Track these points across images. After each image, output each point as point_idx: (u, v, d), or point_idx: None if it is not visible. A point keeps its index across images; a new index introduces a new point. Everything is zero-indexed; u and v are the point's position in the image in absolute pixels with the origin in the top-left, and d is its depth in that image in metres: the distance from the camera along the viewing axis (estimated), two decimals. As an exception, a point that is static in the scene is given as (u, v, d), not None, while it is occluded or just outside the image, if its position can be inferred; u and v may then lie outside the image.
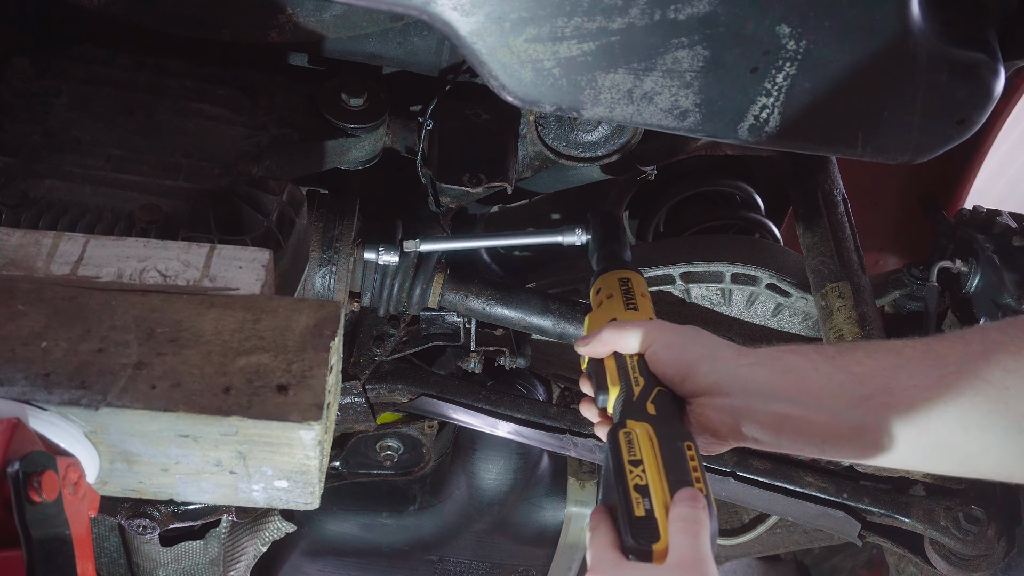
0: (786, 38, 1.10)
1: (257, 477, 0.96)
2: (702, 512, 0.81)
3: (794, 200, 1.64)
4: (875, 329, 1.42)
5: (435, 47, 1.41)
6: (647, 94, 1.14)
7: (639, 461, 0.87)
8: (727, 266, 1.60)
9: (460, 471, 1.92)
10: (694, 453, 0.89)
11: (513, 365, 1.71)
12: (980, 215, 1.56)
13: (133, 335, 0.93)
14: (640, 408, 0.94)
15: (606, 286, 1.20)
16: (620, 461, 0.87)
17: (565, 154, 1.48)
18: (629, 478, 0.86)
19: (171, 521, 1.53)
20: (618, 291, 1.19)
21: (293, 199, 1.23)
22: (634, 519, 0.82)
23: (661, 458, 0.87)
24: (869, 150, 1.21)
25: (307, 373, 0.92)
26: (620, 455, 0.88)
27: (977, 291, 1.47)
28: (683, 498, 0.82)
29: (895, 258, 2.27)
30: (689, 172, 1.97)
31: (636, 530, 0.81)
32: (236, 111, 1.34)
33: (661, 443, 0.89)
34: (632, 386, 0.97)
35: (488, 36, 1.07)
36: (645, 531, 0.81)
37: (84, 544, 0.81)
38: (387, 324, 1.61)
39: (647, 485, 0.85)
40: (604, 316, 1.17)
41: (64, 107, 1.28)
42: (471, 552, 1.96)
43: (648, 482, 0.85)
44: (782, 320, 1.66)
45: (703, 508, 0.82)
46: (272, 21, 1.30)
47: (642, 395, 0.96)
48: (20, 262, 1.00)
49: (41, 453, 0.79)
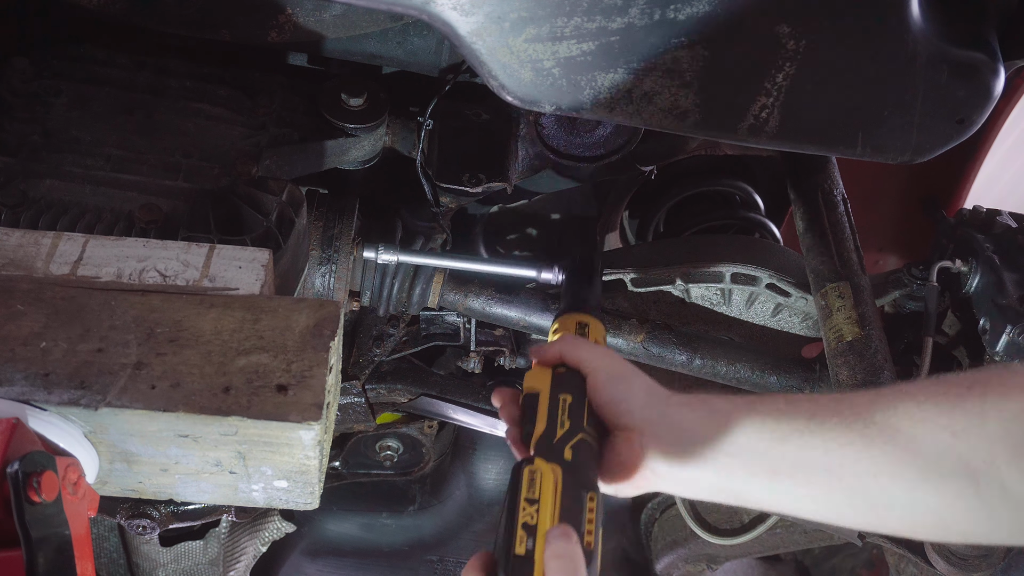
0: (786, 38, 1.09)
1: (257, 477, 0.96)
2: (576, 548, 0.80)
3: (794, 200, 1.64)
4: (875, 329, 1.41)
5: (435, 47, 1.41)
6: (647, 94, 1.14)
7: (535, 500, 0.85)
8: (727, 266, 1.60)
9: (460, 471, 1.92)
10: (595, 505, 0.87)
11: (513, 365, 1.71)
12: (980, 215, 1.56)
13: (133, 335, 0.93)
14: (557, 451, 0.93)
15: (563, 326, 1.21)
16: (516, 496, 0.86)
17: (565, 154, 1.48)
18: (520, 515, 0.84)
19: (171, 521, 1.52)
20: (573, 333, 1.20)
21: (293, 199, 1.23)
22: (512, 556, 0.80)
23: (560, 503, 0.86)
24: (869, 150, 1.21)
25: (307, 373, 0.92)
26: (518, 490, 0.86)
27: (977, 291, 1.47)
28: (555, 535, 0.80)
29: (895, 258, 2.27)
30: (689, 172, 1.97)
31: (510, 568, 0.79)
32: (236, 111, 1.34)
33: (565, 488, 0.87)
34: (556, 428, 0.96)
35: (488, 36, 1.07)
36: (519, 570, 0.79)
37: (84, 544, 0.81)
38: (387, 324, 1.61)
39: (536, 525, 0.83)
40: None
41: (64, 107, 1.28)
42: (471, 552, 1.95)
43: (537, 523, 0.83)
44: (782, 320, 1.66)
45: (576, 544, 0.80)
46: (272, 21, 1.30)
47: (563, 438, 0.94)
48: (19, 262, 1.00)
49: (41, 453, 0.79)
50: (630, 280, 1.61)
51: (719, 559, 2.09)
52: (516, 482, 0.88)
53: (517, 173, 1.51)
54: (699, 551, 2.04)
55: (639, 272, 1.62)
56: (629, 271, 1.61)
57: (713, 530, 1.90)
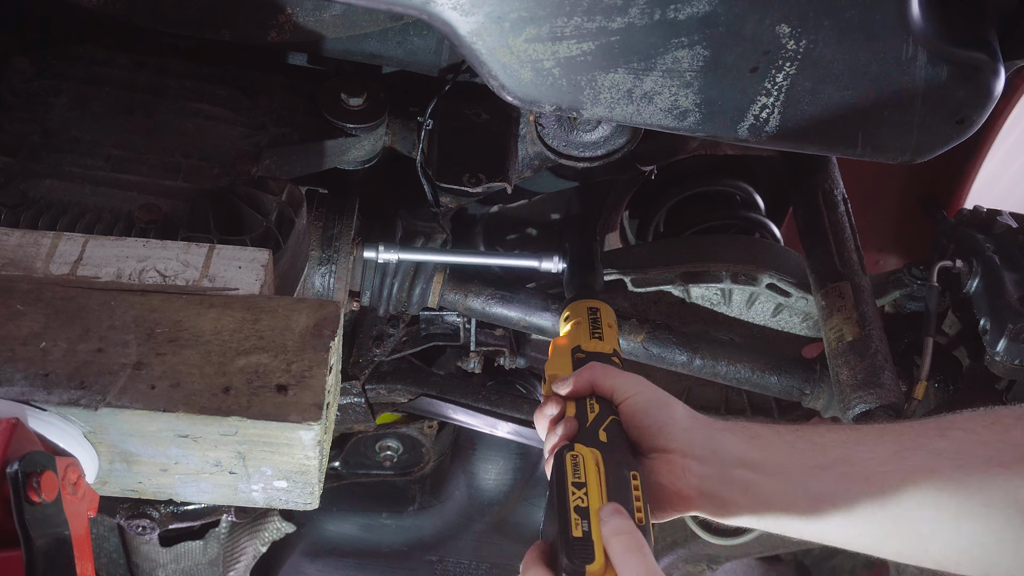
0: (786, 38, 1.09)
1: (256, 477, 0.96)
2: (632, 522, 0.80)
3: (794, 200, 1.64)
4: (875, 329, 1.41)
5: (435, 47, 1.41)
6: (647, 94, 1.14)
7: (583, 484, 0.86)
8: (727, 266, 1.60)
9: (460, 471, 1.92)
10: (639, 483, 0.88)
11: (513, 365, 1.71)
12: (980, 215, 1.56)
13: (132, 335, 0.93)
14: (592, 434, 0.94)
15: (574, 313, 1.22)
16: (564, 482, 0.87)
17: (565, 154, 1.48)
18: (571, 500, 0.84)
19: (171, 521, 1.52)
20: (585, 319, 1.21)
21: (292, 199, 1.23)
22: (571, 539, 0.81)
23: (605, 484, 0.86)
24: (869, 150, 1.21)
25: (306, 373, 0.92)
26: (564, 476, 0.87)
27: (977, 291, 1.47)
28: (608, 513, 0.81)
29: (895, 258, 2.27)
30: (689, 172, 1.97)
31: (571, 550, 0.80)
32: (236, 111, 1.34)
33: (607, 469, 0.88)
34: (587, 412, 0.97)
35: (488, 36, 1.07)
36: (581, 552, 0.80)
37: (83, 544, 0.81)
38: (387, 324, 1.61)
39: (587, 507, 0.84)
40: (569, 342, 1.19)
41: (64, 107, 1.28)
42: (471, 552, 1.96)
43: (589, 505, 0.84)
44: (782, 320, 1.66)
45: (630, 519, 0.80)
46: (272, 21, 1.30)
47: (595, 422, 0.95)
48: (19, 262, 1.00)
49: (40, 453, 0.79)
50: (630, 280, 1.61)
51: (719, 559, 2.09)
52: (560, 468, 0.88)
53: (517, 173, 1.51)
54: (699, 551, 2.04)
55: (639, 272, 1.62)
56: (629, 271, 1.61)
57: (713, 530, 1.90)
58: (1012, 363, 1.39)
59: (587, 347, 1.18)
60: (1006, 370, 1.40)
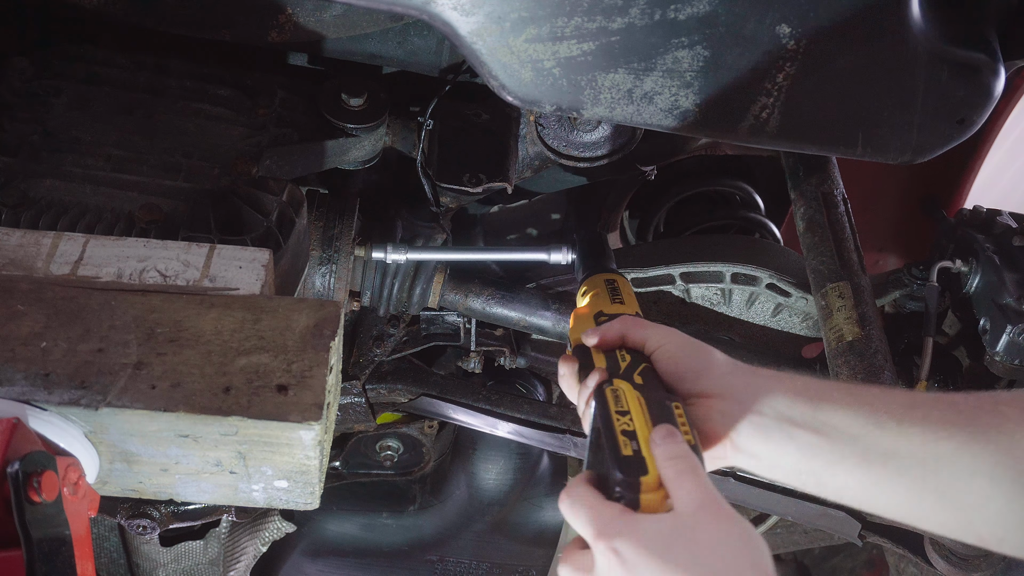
0: (786, 38, 1.10)
1: (257, 477, 0.96)
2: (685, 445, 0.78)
3: (794, 200, 1.64)
4: (875, 329, 1.41)
5: (435, 47, 1.41)
6: (647, 94, 1.14)
7: (626, 411, 0.84)
8: (727, 266, 1.60)
9: (460, 471, 1.92)
10: (682, 412, 0.85)
11: (513, 365, 1.71)
12: (980, 215, 1.56)
13: (133, 335, 0.93)
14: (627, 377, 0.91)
15: (592, 286, 1.20)
16: (607, 412, 0.85)
17: (565, 154, 1.48)
18: (617, 426, 0.83)
19: (171, 521, 1.52)
20: (604, 288, 1.19)
21: (293, 199, 1.23)
22: (621, 457, 0.79)
23: (648, 412, 0.84)
24: (869, 150, 1.21)
25: (307, 373, 0.92)
26: (607, 407, 0.85)
27: (977, 291, 1.47)
28: (660, 436, 0.78)
29: (895, 258, 2.27)
30: (689, 172, 1.97)
31: (624, 466, 0.78)
32: (236, 111, 1.34)
33: (648, 401, 0.86)
34: (619, 361, 0.94)
35: (488, 36, 1.08)
36: (634, 466, 0.78)
37: (84, 544, 0.81)
38: (387, 324, 1.61)
39: (635, 431, 0.82)
40: (590, 309, 1.16)
41: (64, 107, 1.28)
42: (471, 552, 1.96)
43: (636, 428, 0.82)
44: (782, 320, 1.66)
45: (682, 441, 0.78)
46: (272, 21, 1.30)
47: (629, 368, 0.93)
48: (20, 262, 1.00)
49: (41, 453, 0.79)
50: (630, 280, 1.61)
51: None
52: (602, 401, 0.87)
53: (517, 173, 1.52)
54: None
55: (639, 272, 1.62)
56: (629, 271, 1.61)
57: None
58: (1012, 363, 1.39)
59: (609, 311, 1.14)
60: (1006, 370, 1.41)
